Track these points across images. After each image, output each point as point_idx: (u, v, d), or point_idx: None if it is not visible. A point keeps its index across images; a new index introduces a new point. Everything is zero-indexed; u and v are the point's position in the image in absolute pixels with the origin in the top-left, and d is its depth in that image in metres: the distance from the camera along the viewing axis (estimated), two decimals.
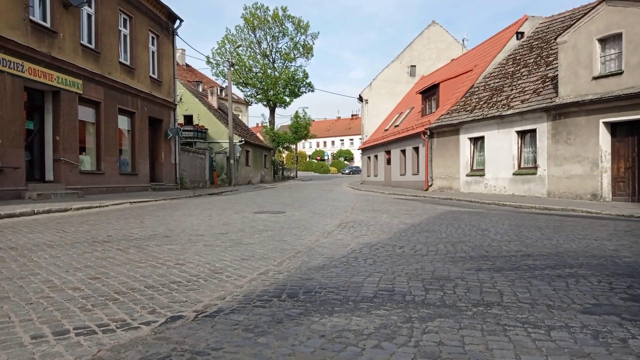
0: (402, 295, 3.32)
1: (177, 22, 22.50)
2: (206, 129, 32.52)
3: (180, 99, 28.55)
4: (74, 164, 14.61)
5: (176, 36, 22.81)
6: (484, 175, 19.01)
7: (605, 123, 14.03)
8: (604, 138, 14.09)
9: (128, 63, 18.28)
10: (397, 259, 4.74)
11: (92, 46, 15.93)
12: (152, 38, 20.57)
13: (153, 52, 20.67)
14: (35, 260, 4.57)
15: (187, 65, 52.15)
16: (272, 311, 2.91)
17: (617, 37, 13.69)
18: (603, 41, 14.14)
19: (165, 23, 21.63)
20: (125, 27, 18.30)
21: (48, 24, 13.67)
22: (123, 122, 18.13)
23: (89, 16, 15.93)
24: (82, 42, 15.27)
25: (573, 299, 3.31)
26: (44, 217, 8.97)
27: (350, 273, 4.05)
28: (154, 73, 20.58)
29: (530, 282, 3.79)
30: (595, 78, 14.17)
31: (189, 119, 33.02)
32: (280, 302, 3.14)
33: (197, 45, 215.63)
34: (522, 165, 17.41)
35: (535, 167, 16.48)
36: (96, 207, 11.27)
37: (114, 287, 3.51)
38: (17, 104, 12.37)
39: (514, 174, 17.47)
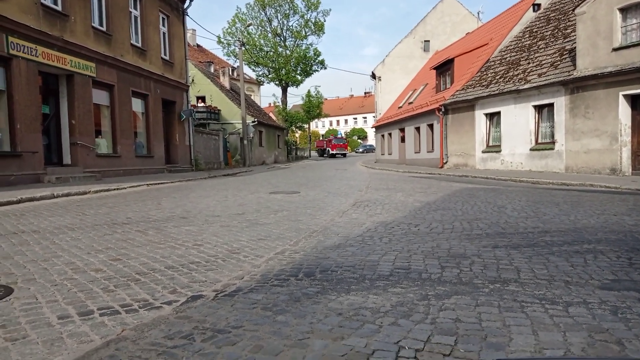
0: (419, 273, 3.33)
1: (187, 1, 22.32)
2: (219, 110, 32.55)
3: (193, 80, 28.53)
4: (91, 147, 14.80)
5: (186, 16, 22.67)
6: (500, 151, 18.77)
7: (625, 96, 13.67)
8: (624, 111, 13.75)
9: (139, 45, 18.27)
10: (413, 237, 4.74)
11: (104, 28, 15.93)
12: (163, 19, 20.48)
13: (164, 33, 20.61)
14: (58, 242, 4.68)
15: (198, 45, 51.91)
16: (290, 290, 2.95)
17: (639, 6, 13.22)
18: (624, 10, 13.67)
19: (175, 3, 21.48)
20: (135, 8, 18.23)
21: (59, 7, 13.69)
22: (137, 105, 18.23)
23: None
24: (93, 24, 15.27)
25: (591, 274, 3.29)
26: (63, 201, 9.15)
27: (366, 252, 4.07)
28: (165, 54, 20.56)
29: (548, 258, 3.77)
30: (615, 49, 13.75)
31: (201, 100, 33.05)
32: (298, 281, 3.18)
33: (208, 24, 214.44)
34: (539, 141, 17.13)
35: (553, 142, 16.21)
36: (114, 189, 11.44)
37: (135, 268, 3.59)
38: (33, 88, 12.50)
39: (531, 149, 17.22)
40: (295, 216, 6.56)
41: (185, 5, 22.35)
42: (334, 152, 57.73)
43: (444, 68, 25.17)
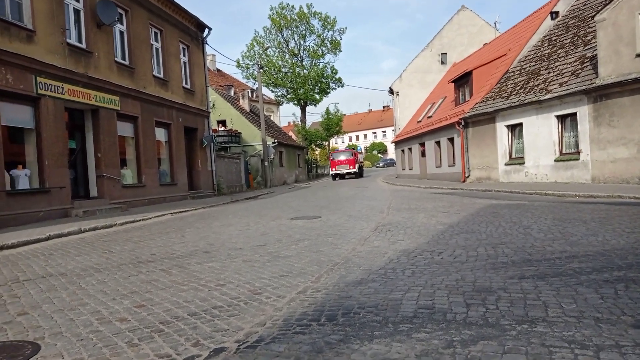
0: (443, 314, 3.26)
1: (206, 30, 22.89)
2: (240, 133, 33.01)
3: (213, 105, 29.08)
4: (116, 179, 15.15)
5: (206, 44, 23.22)
6: (523, 163, 18.43)
7: None
8: None
9: (161, 76, 18.75)
10: (436, 268, 4.67)
11: (126, 62, 16.42)
12: (183, 49, 21.01)
13: (185, 63, 21.12)
14: (84, 287, 4.77)
15: (217, 70, 52.99)
16: (312, 338, 2.92)
17: None
18: None
19: (195, 33, 22.04)
20: (156, 40, 18.77)
21: (84, 45, 14.19)
22: (160, 134, 18.64)
23: (122, 33, 16.43)
24: (116, 59, 15.77)
25: (623, 309, 3.17)
26: (90, 235, 9.35)
27: (388, 288, 4.01)
28: (186, 83, 21.03)
29: (576, 289, 3.66)
30: (639, 55, 13.44)
31: (222, 124, 33.60)
32: (320, 326, 3.15)
33: (227, 48, 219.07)
34: (563, 151, 16.76)
35: (578, 152, 15.84)
36: (139, 220, 11.66)
37: (159, 316, 3.62)
38: (59, 125, 12.92)
39: (555, 160, 16.86)
40: (317, 246, 6.54)
41: (205, 35, 22.90)
42: (333, 171, 39.70)
43: (462, 81, 25.02)
